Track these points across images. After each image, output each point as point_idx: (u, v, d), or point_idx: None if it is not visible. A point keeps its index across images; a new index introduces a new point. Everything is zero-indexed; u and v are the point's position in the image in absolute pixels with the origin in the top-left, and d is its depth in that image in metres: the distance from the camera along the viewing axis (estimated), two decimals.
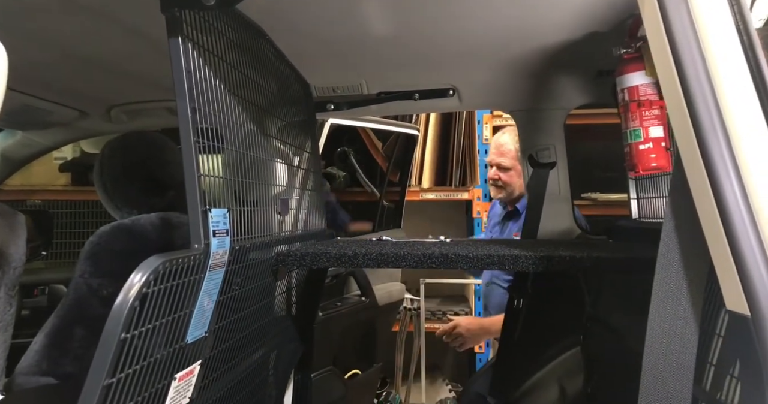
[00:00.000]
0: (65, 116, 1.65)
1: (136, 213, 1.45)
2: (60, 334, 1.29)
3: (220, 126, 0.96)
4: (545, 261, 1.12)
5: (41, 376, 1.25)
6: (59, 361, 1.28)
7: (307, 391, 1.76)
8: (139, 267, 0.69)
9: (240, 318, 1.07)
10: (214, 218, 0.85)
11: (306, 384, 1.76)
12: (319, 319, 1.85)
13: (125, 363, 0.67)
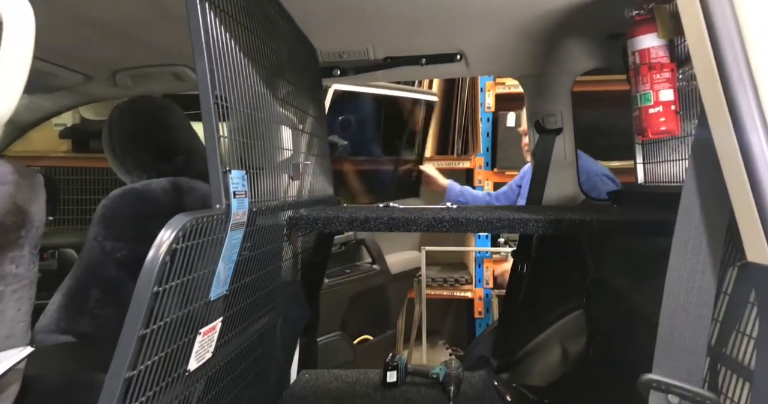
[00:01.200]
0: (70, 80, 1.64)
1: (145, 177, 1.45)
2: (76, 295, 1.32)
3: (235, 89, 0.96)
4: (554, 224, 1.14)
5: (60, 334, 1.28)
6: (77, 321, 1.31)
7: (312, 354, 1.81)
8: (168, 224, 0.70)
9: (254, 279, 1.10)
10: (234, 179, 0.86)
11: (311, 348, 1.81)
12: (325, 285, 1.88)
13: (157, 316, 0.69)
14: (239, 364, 1.16)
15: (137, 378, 0.69)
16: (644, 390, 0.62)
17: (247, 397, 1.30)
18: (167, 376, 0.79)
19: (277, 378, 1.62)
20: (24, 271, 0.91)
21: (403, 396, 1.63)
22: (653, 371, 0.61)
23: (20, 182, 0.88)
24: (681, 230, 0.60)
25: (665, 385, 0.60)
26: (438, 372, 1.72)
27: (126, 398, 0.68)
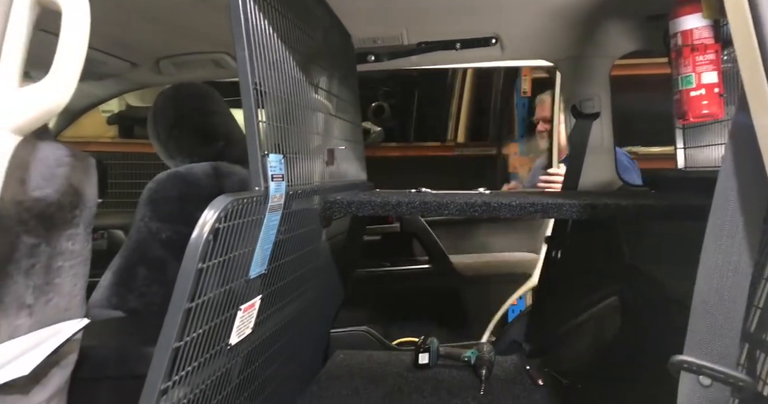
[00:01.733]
0: (117, 67, 1.71)
1: (188, 161, 1.51)
2: (125, 273, 1.40)
3: (273, 76, 0.98)
4: (589, 209, 1.13)
5: (111, 310, 1.36)
6: (126, 297, 1.39)
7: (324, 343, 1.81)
8: (211, 205, 0.74)
9: (291, 260, 1.14)
10: (272, 163, 0.90)
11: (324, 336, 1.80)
12: (356, 275, 1.87)
13: (201, 291, 0.73)
14: (277, 341, 1.21)
15: (183, 349, 0.73)
16: (675, 372, 0.62)
17: (283, 374, 1.35)
18: (211, 349, 0.84)
19: (313, 357, 1.68)
20: (79, 248, 0.97)
21: (434, 378, 1.66)
22: (684, 353, 0.61)
23: (75, 165, 0.93)
24: (717, 213, 0.59)
25: (696, 366, 0.59)
26: (470, 356, 1.74)
27: (173, 367, 0.72)
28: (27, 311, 0.87)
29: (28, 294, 0.86)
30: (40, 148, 0.89)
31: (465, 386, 1.60)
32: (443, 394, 1.54)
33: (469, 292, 2.04)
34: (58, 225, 0.91)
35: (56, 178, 0.89)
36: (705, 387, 0.59)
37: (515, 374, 1.69)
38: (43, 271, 0.89)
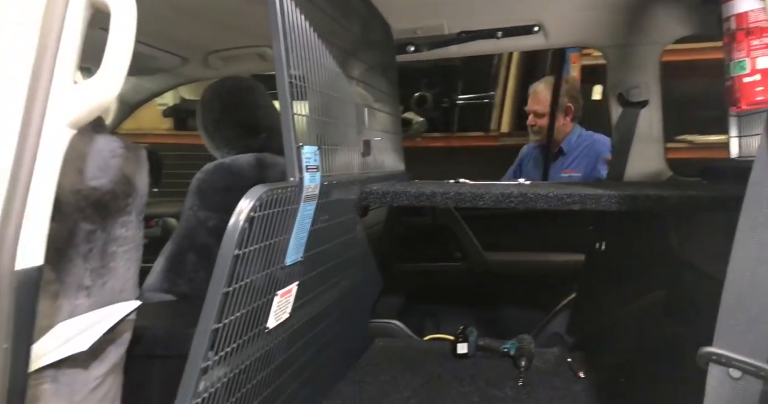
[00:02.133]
0: (169, 62, 1.80)
1: (234, 153, 1.57)
2: (176, 259, 1.48)
3: (310, 69, 1.01)
4: (629, 200, 1.11)
5: (163, 293, 1.45)
6: (176, 282, 1.47)
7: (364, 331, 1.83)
8: (247, 194, 0.78)
9: (328, 249, 1.17)
10: (306, 154, 0.93)
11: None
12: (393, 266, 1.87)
13: (239, 276, 0.77)
14: (315, 326, 1.25)
15: (222, 331, 0.78)
16: (703, 364, 0.61)
17: (323, 358, 1.40)
18: (249, 331, 0.88)
19: (353, 344, 1.72)
20: (132, 235, 1.04)
21: (473, 368, 1.66)
22: (714, 344, 0.60)
23: (128, 156, 1.00)
24: (750, 204, 0.58)
25: (726, 359, 0.58)
26: (509, 347, 1.73)
27: (213, 347, 0.77)
28: (85, 292, 0.94)
29: (86, 276, 0.94)
30: (96, 140, 0.95)
31: (503, 376, 1.60)
32: (481, 384, 1.55)
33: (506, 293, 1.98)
34: (112, 213, 0.98)
35: (110, 169, 0.96)
36: (734, 380, 0.58)
37: (556, 366, 1.67)
38: (99, 256, 0.96)
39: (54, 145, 0.64)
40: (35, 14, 0.63)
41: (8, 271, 0.59)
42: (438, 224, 1.92)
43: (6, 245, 0.59)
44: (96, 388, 0.96)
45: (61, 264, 0.87)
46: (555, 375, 1.61)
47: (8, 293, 0.59)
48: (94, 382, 0.95)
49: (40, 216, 0.64)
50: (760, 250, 0.57)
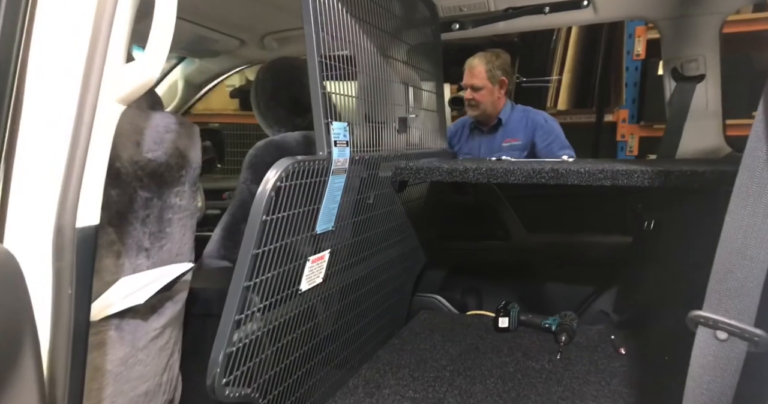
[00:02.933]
0: (228, 45, 1.91)
1: (284, 131, 1.67)
2: (231, 229, 1.60)
3: (348, 50, 1.07)
4: (663, 176, 1.09)
5: (220, 260, 1.59)
6: (232, 250, 1.60)
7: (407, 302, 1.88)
8: (274, 166, 0.85)
9: (361, 221, 1.24)
10: (335, 130, 0.99)
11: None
12: (436, 241, 1.90)
13: (267, 240, 0.86)
14: (353, 293, 1.34)
15: (253, 289, 0.87)
16: (692, 326, 0.63)
17: (364, 324, 1.48)
18: (281, 291, 0.97)
19: (396, 313, 1.80)
20: (186, 204, 1.16)
21: (512, 341, 1.69)
22: (703, 308, 0.62)
23: (181, 131, 1.11)
24: (744, 174, 0.58)
25: (713, 321, 0.60)
26: (551, 322, 1.74)
27: (244, 304, 0.87)
28: (145, 253, 1.07)
29: (145, 239, 1.06)
30: (152, 116, 1.07)
31: (542, 350, 1.62)
32: (519, 356, 1.58)
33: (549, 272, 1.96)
34: (167, 183, 1.09)
35: (165, 142, 1.07)
36: (720, 341, 0.61)
37: (598, 342, 1.67)
38: (156, 221, 1.08)
39: (106, 118, 0.74)
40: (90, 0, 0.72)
41: (70, 228, 0.70)
42: (480, 203, 1.93)
43: (68, 206, 0.70)
44: (156, 338, 1.09)
45: (122, 227, 1.00)
46: (596, 351, 1.61)
47: (71, 246, 0.70)
48: (153, 333, 1.08)
49: (96, 181, 0.74)
50: (751, 220, 0.58)
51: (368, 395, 1.33)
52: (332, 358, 1.32)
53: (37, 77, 0.68)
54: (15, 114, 0.65)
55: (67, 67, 0.70)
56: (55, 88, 0.69)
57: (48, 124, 0.69)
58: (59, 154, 0.69)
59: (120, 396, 0.99)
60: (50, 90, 0.69)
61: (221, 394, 0.85)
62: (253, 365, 0.92)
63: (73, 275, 0.70)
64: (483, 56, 2.30)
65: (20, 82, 0.67)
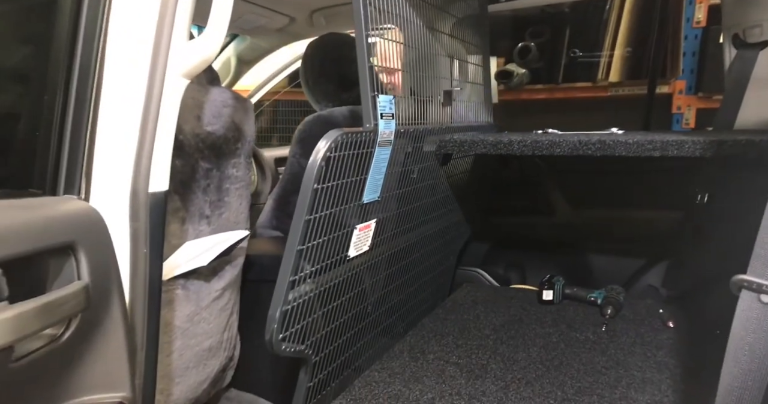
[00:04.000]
0: (279, 22, 1.96)
1: (331, 106, 1.71)
2: (282, 201, 1.68)
3: (395, 23, 1.09)
4: (716, 146, 1.07)
5: (272, 230, 1.67)
6: (283, 220, 1.68)
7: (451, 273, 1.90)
8: (324, 137, 0.90)
9: (406, 192, 1.28)
10: (381, 103, 1.02)
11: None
12: (476, 216, 1.91)
13: (318, 207, 0.91)
14: (399, 262, 1.39)
15: (306, 252, 0.93)
16: (736, 290, 0.64)
17: (409, 293, 1.54)
18: (330, 257, 1.03)
19: (440, 284, 1.84)
20: (242, 175, 1.23)
21: (557, 313, 1.71)
22: (747, 273, 0.63)
23: (237, 106, 1.17)
24: None
25: (757, 285, 0.61)
26: (597, 296, 1.74)
27: (298, 266, 0.93)
28: (206, 220, 1.15)
29: (206, 207, 1.14)
30: (211, 91, 1.13)
31: (587, 322, 1.63)
32: (563, 327, 1.60)
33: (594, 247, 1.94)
34: (225, 155, 1.16)
35: (223, 116, 1.14)
36: (764, 304, 0.62)
37: (645, 316, 1.66)
38: (216, 191, 1.16)
39: (173, 92, 0.80)
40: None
41: (144, 192, 0.77)
42: (525, 178, 1.92)
43: (142, 172, 0.77)
44: (217, 299, 1.18)
45: (186, 196, 1.08)
46: (642, 324, 1.60)
47: (145, 209, 0.77)
48: (215, 293, 1.17)
49: (164, 150, 0.81)
50: None
51: (413, 359, 1.39)
52: (378, 324, 1.38)
53: (114, 58, 0.75)
54: (97, 91, 0.72)
55: (138, 45, 0.76)
56: (128, 66, 0.76)
57: (123, 98, 0.75)
58: (133, 124, 0.76)
59: (187, 350, 1.09)
60: (124, 67, 0.75)
61: (278, 348, 0.92)
62: (305, 324, 0.99)
63: (147, 235, 0.78)
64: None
65: (101, 63, 0.74)
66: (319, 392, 1.09)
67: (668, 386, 1.23)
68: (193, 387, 1.13)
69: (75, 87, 0.69)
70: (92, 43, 0.70)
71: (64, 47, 0.68)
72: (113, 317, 0.60)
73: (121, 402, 0.58)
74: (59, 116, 0.66)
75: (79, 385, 0.56)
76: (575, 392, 1.21)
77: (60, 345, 0.53)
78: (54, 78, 0.68)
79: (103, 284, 0.60)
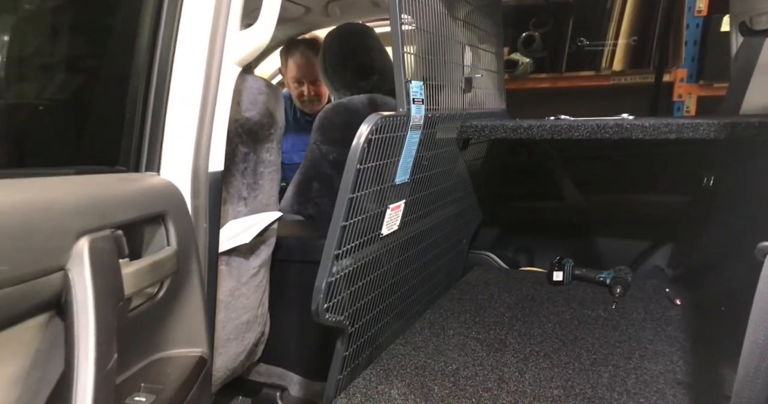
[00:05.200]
0: (295, 12, 2.01)
1: (349, 94, 1.77)
2: (303, 186, 1.74)
3: (419, 11, 1.14)
4: (729, 128, 1.13)
5: (294, 214, 1.73)
6: (304, 205, 1.73)
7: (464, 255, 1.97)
8: (365, 121, 0.96)
9: (431, 175, 1.34)
10: (413, 88, 1.08)
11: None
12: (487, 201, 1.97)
13: (359, 186, 0.97)
14: (421, 242, 1.45)
15: (348, 229, 0.99)
16: (761, 256, 0.69)
17: (428, 273, 1.60)
18: (367, 234, 1.09)
19: (454, 266, 1.91)
20: (274, 159, 1.29)
21: (567, 292, 1.78)
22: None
23: (270, 93, 1.22)
24: None
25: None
26: (606, 276, 1.81)
27: (342, 240, 0.99)
28: (243, 202, 1.21)
29: (244, 189, 1.20)
30: (247, 79, 1.18)
31: (598, 300, 1.70)
32: (574, 305, 1.67)
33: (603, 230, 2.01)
34: (260, 140, 1.22)
35: (258, 103, 1.19)
36: None
37: (653, 295, 1.74)
38: (252, 174, 1.22)
39: (228, 78, 0.85)
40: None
41: (204, 172, 0.83)
42: (535, 164, 1.97)
43: (202, 154, 0.83)
44: (254, 275, 1.24)
45: (227, 178, 1.13)
46: (651, 302, 1.68)
47: (205, 187, 0.83)
48: (253, 270, 1.23)
49: (221, 133, 0.87)
50: None
51: (434, 335, 1.45)
52: (402, 301, 1.45)
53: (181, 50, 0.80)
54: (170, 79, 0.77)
55: (197, 36, 0.82)
56: (191, 56, 0.81)
57: (186, 85, 0.81)
58: (194, 108, 0.82)
59: (229, 322, 1.15)
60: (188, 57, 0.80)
61: (323, 317, 0.98)
62: (344, 296, 1.05)
63: (207, 211, 0.83)
64: (309, 43, 2.14)
65: (173, 55, 0.79)
66: (352, 361, 1.16)
67: (679, 357, 1.30)
68: (233, 358, 1.19)
69: (156, 76, 0.74)
70: (170, 40, 0.76)
71: (147, 45, 0.73)
72: (193, 282, 0.66)
73: (201, 356, 0.64)
74: (142, 104, 0.72)
75: (168, 340, 0.62)
76: (591, 363, 1.28)
77: (156, 303, 0.59)
78: (139, 71, 0.73)
79: (186, 251, 0.66)
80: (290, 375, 1.54)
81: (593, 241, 2.04)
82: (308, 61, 2.12)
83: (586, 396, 1.11)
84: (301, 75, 2.15)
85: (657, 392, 1.12)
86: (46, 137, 0.76)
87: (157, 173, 0.73)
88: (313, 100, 2.19)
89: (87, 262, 0.45)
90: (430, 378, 1.19)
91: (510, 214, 2.14)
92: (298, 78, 2.16)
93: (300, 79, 2.16)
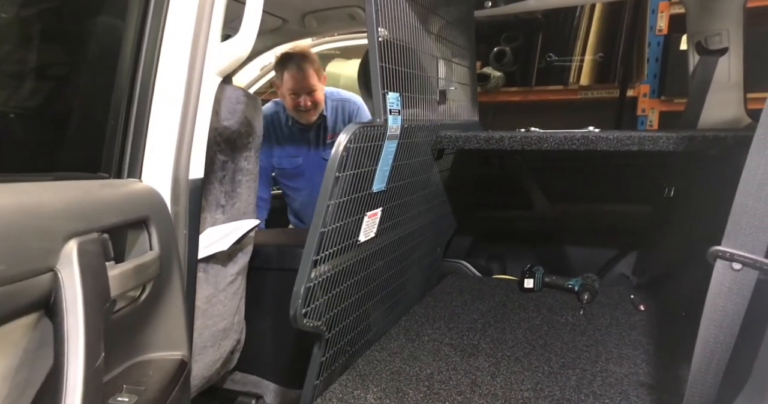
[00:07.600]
0: (272, 23, 2.03)
1: None
2: None
3: (394, 25, 1.18)
4: (686, 141, 1.20)
5: None
6: None
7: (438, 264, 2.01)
8: (344, 130, 0.99)
9: (406, 184, 1.37)
10: (390, 99, 1.12)
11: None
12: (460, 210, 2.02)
13: (338, 194, 1.00)
14: (396, 250, 1.48)
15: (326, 235, 1.01)
16: (711, 259, 0.74)
17: (403, 280, 1.63)
18: (344, 241, 1.11)
19: (428, 274, 1.94)
20: (251, 167, 1.30)
21: (538, 299, 1.83)
22: (722, 244, 0.73)
23: (248, 103, 1.24)
24: (763, 127, 0.68)
25: (729, 254, 0.71)
26: (574, 283, 1.88)
27: (320, 246, 1.01)
28: (221, 210, 1.22)
29: (222, 197, 1.21)
30: (226, 89, 1.20)
31: (566, 307, 1.76)
32: (545, 311, 1.72)
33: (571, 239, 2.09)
34: (238, 148, 1.23)
35: (237, 112, 1.21)
36: (735, 271, 0.72)
37: (618, 301, 1.80)
38: (230, 182, 1.23)
39: (209, 88, 0.87)
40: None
41: (185, 179, 0.84)
42: (506, 174, 2.03)
43: (183, 161, 0.84)
44: (231, 282, 1.25)
45: (204, 186, 1.14)
46: (616, 308, 1.74)
47: (185, 194, 0.85)
48: (230, 277, 1.24)
49: (201, 141, 0.88)
50: (764, 172, 0.69)
51: (410, 341, 1.48)
52: (379, 306, 1.47)
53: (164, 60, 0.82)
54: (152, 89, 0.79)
55: (179, 47, 0.84)
56: (172, 66, 0.83)
57: (167, 94, 0.82)
58: (175, 117, 0.83)
59: (205, 330, 1.15)
60: (170, 68, 0.82)
61: (300, 322, 1.00)
62: (322, 302, 1.07)
63: (186, 218, 0.85)
64: (302, 56, 2.16)
65: (157, 66, 0.80)
66: (329, 367, 1.17)
67: (642, 360, 1.36)
68: (209, 366, 1.19)
69: (138, 86, 0.75)
70: (153, 51, 0.77)
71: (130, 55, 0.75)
72: (174, 286, 0.67)
73: (182, 359, 0.65)
74: (125, 112, 0.73)
75: (149, 343, 0.63)
76: (560, 366, 1.33)
77: (138, 306, 0.60)
78: (122, 80, 0.75)
79: (168, 255, 0.67)
80: (265, 383, 1.54)
81: (562, 250, 2.11)
82: (304, 73, 2.14)
83: (554, 398, 1.15)
84: (299, 87, 2.17)
85: (621, 393, 1.17)
86: (30, 144, 0.76)
87: (139, 180, 0.74)
88: (310, 109, 2.22)
89: (76, 264, 0.46)
90: (405, 383, 1.22)
91: (483, 223, 2.19)
92: (295, 89, 2.17)
93: (297, 90, 2.18)
